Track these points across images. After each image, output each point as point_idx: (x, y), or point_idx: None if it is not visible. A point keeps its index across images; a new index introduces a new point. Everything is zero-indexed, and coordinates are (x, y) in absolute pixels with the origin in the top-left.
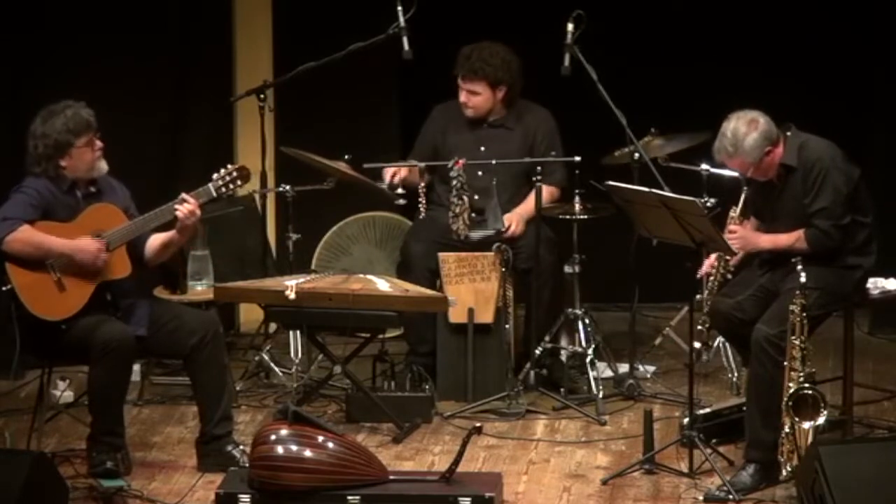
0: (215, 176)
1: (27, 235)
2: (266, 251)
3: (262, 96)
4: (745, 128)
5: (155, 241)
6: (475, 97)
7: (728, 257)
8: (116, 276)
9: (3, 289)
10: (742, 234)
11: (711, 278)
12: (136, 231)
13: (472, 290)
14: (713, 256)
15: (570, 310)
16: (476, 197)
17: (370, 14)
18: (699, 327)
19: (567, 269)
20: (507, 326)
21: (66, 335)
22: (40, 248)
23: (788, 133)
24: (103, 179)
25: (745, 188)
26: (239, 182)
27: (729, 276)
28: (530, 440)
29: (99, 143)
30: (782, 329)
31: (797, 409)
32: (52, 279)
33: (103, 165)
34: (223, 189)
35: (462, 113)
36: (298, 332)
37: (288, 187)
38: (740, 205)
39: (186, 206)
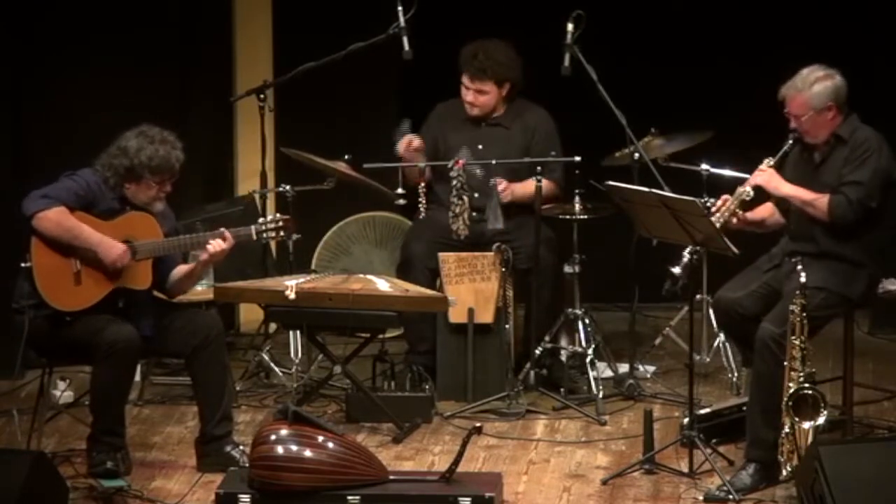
0: (261, 220)
1: (60, 217)
2: (266, 251)
3: (262, 96)
4: (821, 74)
5: (179, 271)
6: (483, 97)
7: (746, 196)
8: (135, 286)
9: (22, 265)
10: (770, 173)
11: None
12: (169, 249)
13: (472, 290)
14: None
15: (570, 310)
16: (476, 195)
17: (370, 14)
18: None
19: (567, 269)
20: (507, 326)
21: (70, 331)
22: (69, 232)
23: (851, 116)
24: None
25: (789, 142)
26: (282, 234)
27: (734, 220)
28: (530, 440)
29: (168, 188)
30: (787, 328)
31: (797, 409)
32: (71, 269)
33: (159, 206)
34: (264, 235)
35: (462, 111)
36: (298, 332)
37: (288, 187)
38: (778, 155)
39: (219, 244)
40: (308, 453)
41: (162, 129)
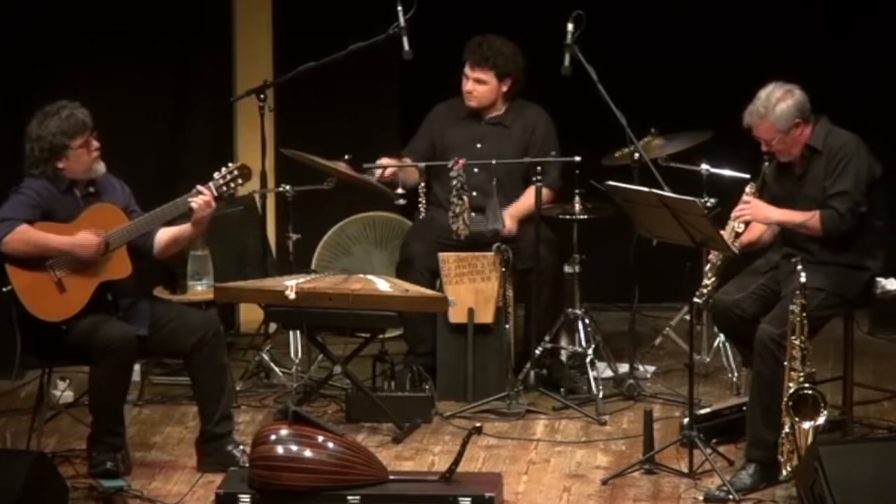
0: (216, 175)
1: (26, 235)
2: (266, 251)
3: (262, 96)
4: (780, 94)
5: (164, 235)
6: (480, 86)
7: (738, 229)
8: (117, 277)
9: (4, 290)
10: (755, 205)
11: (711, 257)
12: (140, 229)
13: (472, 290)
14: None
15: (570, 310)
16: (474, 194)
17: (370, 14)
18: (697, 300)
19: (567, 269)
20: (507, 326)
21: (67, 336)
22: (39, 247)
23: (820, 121)
24: (102, 179)
25: (765, 163)
26: (240, 181)
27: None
28: (530, 440)
29: (96, 144)
30: (786, 329)
31: (797, 409)
32: (52, 280)
33: (101, 167)
34: (224, 188)
35: (461, 110)
36: (298, 332)
37: (288, 187)
38: (759, 180)
39: (202, 198)
40: (308, 453)
41: (57, 101)
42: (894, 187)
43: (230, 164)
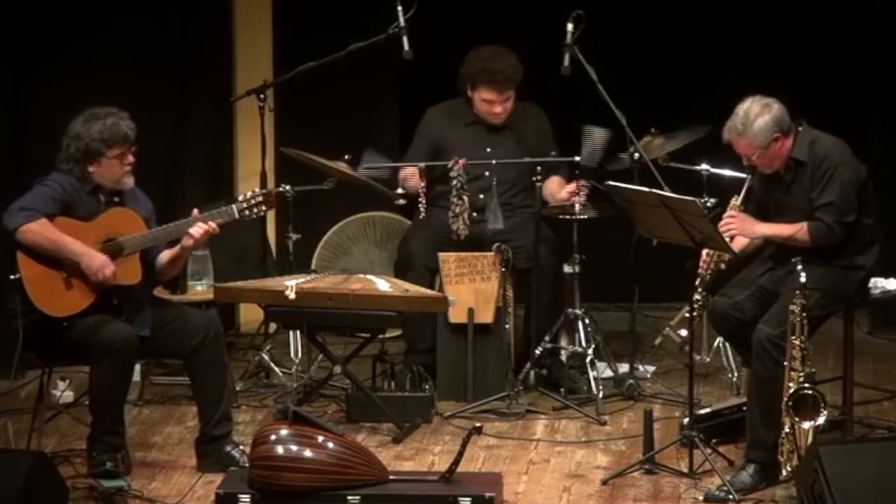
0: (241, 198)
1: (43, 228)
2: (266, 251)
3: (262, 96)
4: (758, 109)
5: (164, 256)
6: (509, 102)
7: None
8: (125, 283)
9: (11, 277)
10: (742, 219)
11: (700, 271)
12: (156, 239)
13: (472, 290)
14: (704, 253)
15: (570, 310)
16: (481, 196)
17: (370, 14)
18: (686, 315)
19: (567, 269)
20: (507, 326)
21: (68, 334)
22: (53, 243)
23: (800, 129)
24: (129, 191)
25: (749, 177)
26: (264, 207)
27: (722, 266)
28: (530, 440)
29: (131, 158)
30: (784, 329)
31: (797, 409)
32: (60, 276)
33: (129, 181)
34: (246, 212)
35: (463, 115)
36: (298, 332)
37: (288, 187)
38: (743, 193)
39: (202, 227)
40: (308, 453)
41: (106, 107)
42: (895, 187)
43: (256, 189)
